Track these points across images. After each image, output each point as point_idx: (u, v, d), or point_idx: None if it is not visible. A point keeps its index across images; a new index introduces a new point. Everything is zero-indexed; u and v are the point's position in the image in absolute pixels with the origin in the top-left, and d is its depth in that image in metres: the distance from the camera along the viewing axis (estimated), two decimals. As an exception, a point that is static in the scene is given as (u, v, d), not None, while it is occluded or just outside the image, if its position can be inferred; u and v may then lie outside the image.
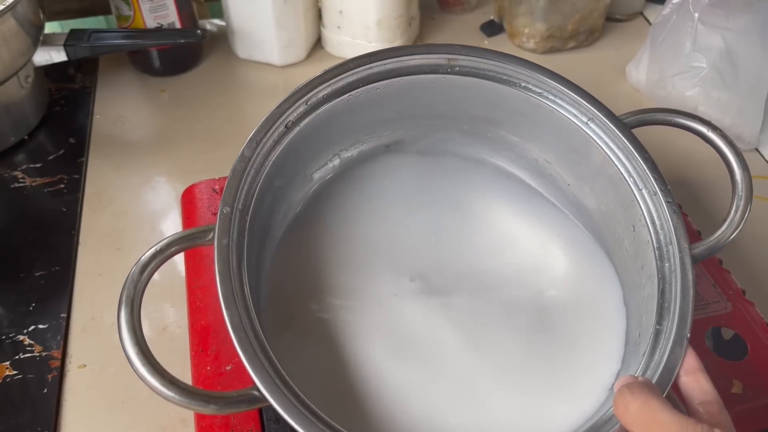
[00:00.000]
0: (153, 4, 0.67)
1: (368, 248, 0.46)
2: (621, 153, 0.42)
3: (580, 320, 0.42)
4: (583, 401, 0.38)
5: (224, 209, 0.36)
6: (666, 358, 0.35)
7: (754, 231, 0.59)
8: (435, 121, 0.48)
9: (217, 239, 0.35)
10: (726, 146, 0.41)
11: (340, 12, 0.72)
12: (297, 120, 0.41)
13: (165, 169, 0.64)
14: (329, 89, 0.42)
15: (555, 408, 0.38)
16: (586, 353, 0.41)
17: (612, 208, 0.44)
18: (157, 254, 0.34)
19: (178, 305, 0.52)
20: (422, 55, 0.43)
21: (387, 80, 0.43)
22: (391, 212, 0.48)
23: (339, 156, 0.49)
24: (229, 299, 0.33)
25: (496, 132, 0.48)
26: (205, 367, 0.43)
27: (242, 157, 0.39)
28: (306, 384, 0.33)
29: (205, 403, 0.31)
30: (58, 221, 0.58)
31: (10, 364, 0.48)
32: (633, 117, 0.43)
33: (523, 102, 0.44)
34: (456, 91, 0.45)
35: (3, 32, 0.57)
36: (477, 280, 0.45)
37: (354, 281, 0.44)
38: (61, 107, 0.70)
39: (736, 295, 0.47)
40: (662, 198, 0.40)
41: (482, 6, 0.85)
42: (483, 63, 0.43)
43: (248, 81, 0.75)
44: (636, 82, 0.73)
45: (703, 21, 0.64)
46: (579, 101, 0.42)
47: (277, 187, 0.42)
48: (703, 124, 0.42)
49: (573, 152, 0.45)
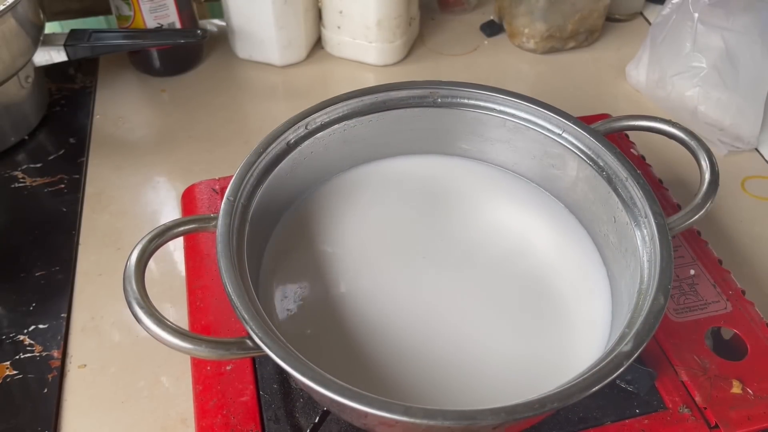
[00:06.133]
0: (153, 4, 0.67)
1: (374, 236, 0.47)
2: (593, 153, 0.45)
3: (569, 289, 0.45)
4: (576, 346, 0.41)
5: (229, 197, 0.39)
6: (649, 304, 0.36)
7: (754, 231, 0.59)
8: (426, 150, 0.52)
9: (221, 218, 0.39)
10: (684, 134, 0.45)
11: (340, 12, 0.72)
12: (298, 141, 0.45)
13: (165, 169, 0.64)
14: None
15: (547, 358, 0.41)
16: (575, 315, 0.43)
17: (594, 211, 0.46)
18: (167, 230, 0.38)
19: (179, 305, 0.52)
20: (407, 90, 0.48)
21: (379, 113, 0.48)
22: (394, 207, 0.49)
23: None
24: (227, 256, 0.37)
25: (484, 158, 0.52)
26: (206, 366, 0.43)
27: (255, 152, 0.43)
28: (307, 344, 0.35)
29: (197, 344, 0.34)
30: (58, 221, 0.58)
31: (10, 364, 0.48)
32: (601, 126, 0.47)
33: (500, 126, 0.48)
34: (442, 125, 0.50)
35: (3, 32, 0.57)
36: (478, 260, 0.46)
37: (362, 260, 0.46)
38: (61, 107, 0.70)
39: (736, 295, 0.47)
40: (634, 181, 0.42)
41: (482, 6, 0.85)
42: (462, 92, 0.48)
43: (248, 81, 0.75)
44: (636, 82, 0.73)
45: (703, 21, 0.64)
46: (551, 116, 0.46)
47: (282, 185, 0.44)
48: (664, 123, 0.46)
49: (552, 167, 0.48)
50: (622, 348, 0.34)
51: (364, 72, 0.75)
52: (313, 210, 0.48)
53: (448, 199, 0.50)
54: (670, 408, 0.41)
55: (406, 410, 0.31)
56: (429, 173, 0.51)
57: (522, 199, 0.50)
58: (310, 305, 0.43)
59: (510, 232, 0.48)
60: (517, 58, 0.78)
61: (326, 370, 0.32)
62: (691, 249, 0.50)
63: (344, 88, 0.47)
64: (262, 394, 0.42)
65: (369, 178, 0.50)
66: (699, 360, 0.43)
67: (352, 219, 0.48)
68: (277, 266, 0.45)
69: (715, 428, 0.40)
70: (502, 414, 0.31)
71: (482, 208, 0.49)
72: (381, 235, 0.47)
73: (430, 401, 0.38)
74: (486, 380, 0.40)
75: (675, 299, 0.47)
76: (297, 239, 0.46)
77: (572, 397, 0.32)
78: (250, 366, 0.43)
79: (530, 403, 0.31)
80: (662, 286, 0.37)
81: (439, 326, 0.42)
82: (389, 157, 0.51)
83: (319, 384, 0.31)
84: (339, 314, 0.42)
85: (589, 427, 0.41)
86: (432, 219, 0.48)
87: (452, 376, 0.40)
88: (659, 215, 0.40)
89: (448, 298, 0.44)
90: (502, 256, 0.46)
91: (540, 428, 0.41)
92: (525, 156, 0.49)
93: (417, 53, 0.78)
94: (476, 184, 0.51)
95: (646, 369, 0.42)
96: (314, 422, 0.40)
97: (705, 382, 0.42)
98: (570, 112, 0.46)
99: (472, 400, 0.39)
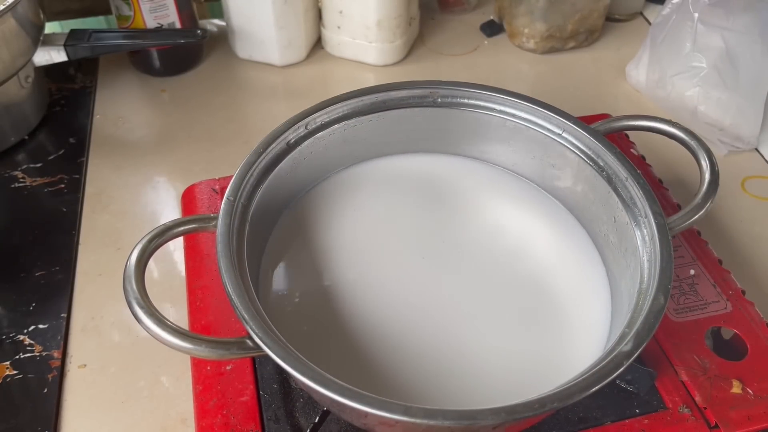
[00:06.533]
0: (153, 4, 0.67)
1: (374, 234, 0.47)
2: (593, 153, 0.45)
3: (568, 289, 0.45)
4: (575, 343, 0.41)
5: (229, 197, 0.40)
6: (649, 304, 0.36)
7: (754, 231, 0.59)
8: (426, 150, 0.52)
9: (221, 218, 0.39)
10: (684, 134, 0.45)
11: (340, 12, 0.72)
12: (299, 140, 0.45)
13: (165, 169, 0.64)
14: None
15: (547, 357, 0.41)
16: (575, 313, 0.43)
17: (594, 211, 0.46)
18: (167, 230, 0.38)
19: (178, 305, 0.52)
20: (407, 90, 0.48)
21: (379, 113, 0.48)
22: (392, 205, 0.49)
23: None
24: (227, 256, 0.37)
25: (484, 157, 0.52)
26: (206, 366, 0.43)
27: (255, 152, 0.43)
28: (306, 344, 0.35)
29: (197, 344, 0.33)
30: (58, 221, 0.58)
31: (10, 363, 0.48)
32: (601, 126, 0.47)
33: (500, 125, 0.48)
34: (442, 125, 0.50)
35: (3, 32, 0.57)
36: (477, 259, 0.46)
37: (360, 258, 0.46)
38: (61, 107, 0.70)
39: (736, 295, 0.47)
40: (633, 181, 0.42)
41: (482, 6, 0.85)
42: (462, 92, 0.48)
43: (248, 81, 0.75)
44: (636, 82, 0.73)
45: (703, 21, 0.64)
46: (551, 116, 0.46)
47: (282, 184, 0.44)
48: (664, 123, 0.46)
49: (552, 167, 0.48)
50: (622, 348, 0.34)
51: (364, 72, 0.75)
52: (312, 209, 0.48)
53: (447, 198, 0.50)
54: (670, 408, 0.41)
55: (406, 410, 0.31)
56: (429, 172, 0.51)
57: (522, 199, 0.50)
58: (310, 305, 0.43)
59: (509, 231, 0.48)
60: (517, 58, 0.78)
61: (326, 369, 0.32)
62: (691, 249, 0.50)
63: (344, 88, 0.47)
64: (262, 394, 0.42)
65: (369, 176, 0.50)
66: (699, 360, 0.43)
67: (352, 217, 0.48)
68: (276, 265, 0.45)
69: (715, 428, 0.40)
70: (502, 414, 0.31)
71: (482, 207, 0.49)
72: (380, 233, 0.47)
73: (430, 401, 0.38)
74: (486, 380, 0.40)
75: (675, 299, 0.47)
76: (297, 238, 0.46)
77: (572, 396, 0.32)
78: (250, 366, 0.43)
79: (530, 403, 0.31)
80: (662, 286, 0.37)
81: (439, 326, 0.42)
82: (389, 155, 0.51)
83: (319, 384, 0.31)
84: (339, 313, 0.42)
85: (589, 426, 0.41)
86: (431, 218, 0.48)
87: (452, 375, 0.40)
88: (659, 215, 0.40)
89: (447, 298, 0.44)
90: (501, 256, 0.46)
91: (540, 428, 0.41)
92: (525, 156, 0.49)
93: (417, 53, 0.78)
94: (476, 184, 0.51)
95: (646, 369, 0.42)
96: (314, 422, 0.40)
97: (705, 382, 0.42)
98: (570, 112, 0.46)
99: (471, 400, 0.39)
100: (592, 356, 0.38)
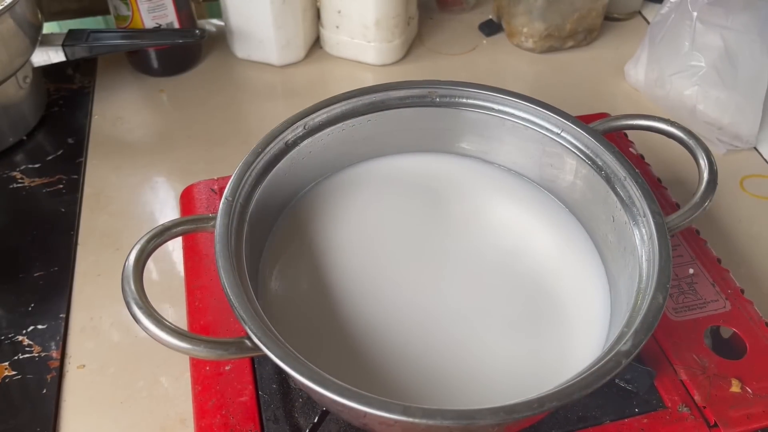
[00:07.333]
0: (151, 4, 0.67)
1: (373, 234, 0.47)
2: (591, 152, 0.45)
3: (567, 288, 0.45)
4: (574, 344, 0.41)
5: (227, 197, 0.40)
6: (648, 303, 0.36)
7: (753, 230, 0.59)
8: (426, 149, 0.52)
9: (219, 218, 0.39)
10: (683, 133, 0.45)
11: (339, 12, 0.72)
12: (297, 140, 0.45)
13: (164, 170, 0.64)
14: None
15: (546, 357, 0.40)
16: (573, 312, 0.43)
17: (593, 210, 0.46)
18: (166, 230, 0.38)
19: (177, 305, 0.52)
20: (406, 89, 0.48)
21: (378, 112, 0.48)
22: (390, 206, 0.49)
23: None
24: (225, 256, 0.37)
25: (483, 157, 0.52)
26: (205, 366, 0.43)
27: (253, 152, 0.43)
28: (305, 344, 0.35)
29: (196, 345, 0.33)
30: (56, 221, 0.58)
31: (9, 364, 0.48)
32: (600, 125, 0.47)
33: (499, 125, 0.48)
34: (441, 125, 0.50)
35: (1, 32, 0.57)
36: (476, 258, 0.46)
37: (356, 260, 0.46)
38: (59, 107, 0.70)
39: (735, 294, 0.47)
40: (632, 180, 0.42)
41: (481, 5, 0.85)
42: (461, 91, 0.48)
43: (247, 81, 0.75)
44: (635, 81, 0.73)
45: (702, 20, 0.64)
46: (549, 115, 0.46)
47: (280, 184, 0.44)
48: (663, 122, 0.46)
49: (550, 167, 0.48)
50: (620, 347, 0.34)
51: (362, 71, 0.75)
52: (311, 208, 0.48)
53: (447, 197, 0.50)
54: (669, 407, 0.41)
55: (405, 410, 0.31)
56: (428, 171, 0.51)
57: (520, 198, 0.50)
58: (308, 304, 0.43)
59: (508, 230, 0.48)
60: (516, 58, 0.78)
61: (325, 369, 0.32)
62: (689, 248, 0.50)
63: (343, 87, 0.47)
64: (261, 394, 0.42)
65: (368, 176, 0.50)
66: (698, 359, 0.43)
67: (351, 217, 0.48)
68: (275, 265, 0.45)
69: (714, 427, 0.40)
70: (501, 413, 0.31)
71: (481, 206, 0.49)
72: (380, 233, 0.47)
73: (429, 401, 0.38)
74: (485, 379, 0.40)
75: (674, 298, 0.47)
76: (295, 238, 0.46)
77: (571, 396, 0.32)
78: (249, 366, 0.43)
79: (529, 403, 0.31)
80: (661, 285, 0.37)
81: (438, 325, 0.42)
82: (388, 155, 0.51)
83: (318, 384, 0.31)
84: (338, 313, 0.42)
85: (588, 426, 0.41)
86: (431, 217, 0.48)
87: (451, 375, 0.40)
88: (658, 214, 0.40)
89: (446, 297, 0.44)
90: (500, 255, 0.46)
91: (539, 427, 0.41)
92: (523, 155, 0.49)
93: (415, 53, 0.78)
94: (475, 183, 0.51)
95: (645, 368, 0.42)
96: (313, 422, 0.40)
97: (704, 381, 0.42)
98: (569, 112, 0.46)
99: (471, 400, 0.39)
100: (591, 355, 0.38)
